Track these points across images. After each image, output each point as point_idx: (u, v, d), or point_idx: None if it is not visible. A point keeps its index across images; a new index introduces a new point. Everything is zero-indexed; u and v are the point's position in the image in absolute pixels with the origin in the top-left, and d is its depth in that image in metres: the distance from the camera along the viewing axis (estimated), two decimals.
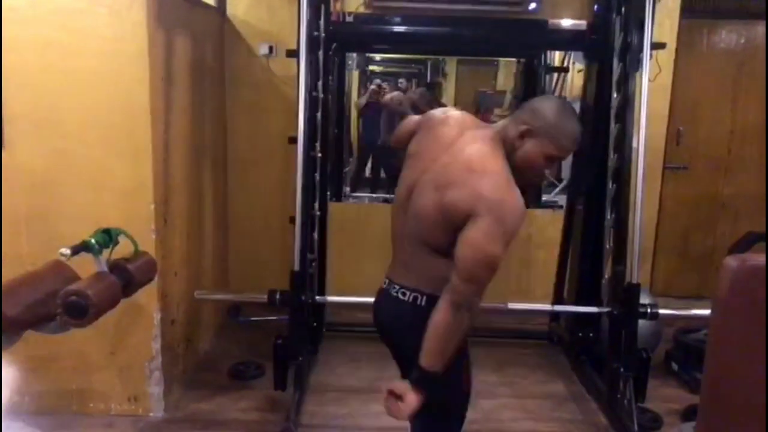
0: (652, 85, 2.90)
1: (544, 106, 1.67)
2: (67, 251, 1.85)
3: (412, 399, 1.57)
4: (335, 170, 4.33)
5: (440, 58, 8.01)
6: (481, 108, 6.78)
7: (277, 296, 2.90)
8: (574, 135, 1.66)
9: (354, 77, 7.12)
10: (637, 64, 2.90)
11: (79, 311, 1.77)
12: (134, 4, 2.51)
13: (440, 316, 1.57)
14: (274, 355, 2.79)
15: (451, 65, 8.44)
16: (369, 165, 6.63)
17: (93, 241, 1.93)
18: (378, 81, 7.06)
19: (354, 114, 6.81)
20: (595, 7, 3.38)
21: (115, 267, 2.01)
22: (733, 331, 1.43)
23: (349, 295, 3.09)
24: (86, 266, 1.95)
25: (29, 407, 2.73)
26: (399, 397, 1.59)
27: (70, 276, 1.89)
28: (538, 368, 3.47)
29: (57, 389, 2.78)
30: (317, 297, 3.21)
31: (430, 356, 1.58)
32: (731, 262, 1.41)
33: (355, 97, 7.02)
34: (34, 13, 2.48)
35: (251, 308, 3.73)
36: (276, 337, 2.80)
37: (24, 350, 2.50)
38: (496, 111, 7.12)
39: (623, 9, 3.02)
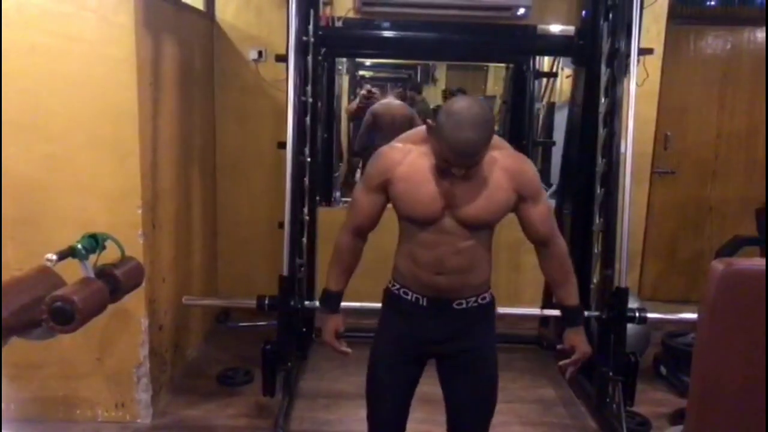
0: (639, 90, 2.92)
1: (446, 108, 1.65)
2: (53, 256, 1.83)
3: (584, 338, 1.85)
4: (325, 175, 4.32)
5: (430, 63, 8.04)
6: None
7: (266, 301, 2.89)
8: (453, 144, 1.60)
9: (345, 82, 7.12)
10: (625, 69, 2.92)
11: (65, 317, 1.76)
12: (121, 8, 2.50)
13: (568, 259, 1.86)
14: (263, 361, 2.78)
15: (441, 70, 8.45)
16: (359, 170, 6.63)
17: (79, 246, 1.92)
18: (368, 86, 7.06)
19: (344, 119, 6.81)
20: (583, 12, 3.40)
21: (102, 272, 2.00)
22: (720, 334, 1.44)
23: None
24: (73, 272, 1.94)
25: (15, 415, 2.70)
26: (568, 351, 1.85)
27: (56, 281, 1.88)
28: (527, 373, 3.47)
29: (43, 396, 2.75)
30: (306, 302, 3.20)
31: (576, 294, 1.88)
32: (718, 265, 1.42)
33: (346, 102, 7.01)
34: (20, 17, 2.47)
35: (240, 314, 3.72)
36: (265, 342, 2.78)
37: (9, 357, 2.47)
38: None
39: (611, 15, 3.04)
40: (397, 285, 1.87)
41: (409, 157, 1.74)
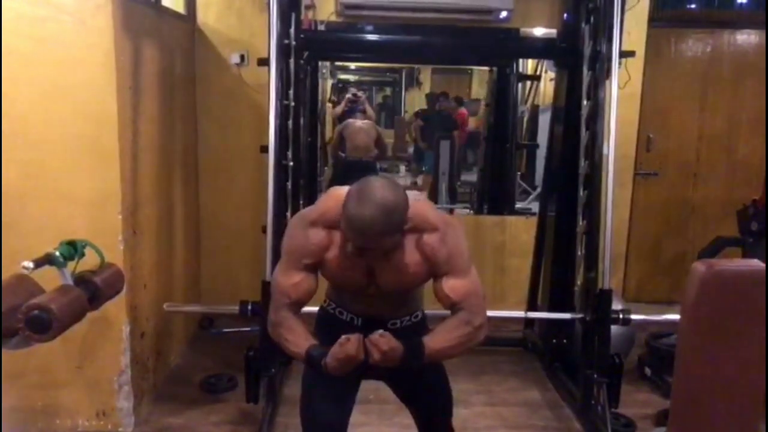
0: (621, 93, 2.93)
1: (361, 181, 1.63)
2: (30, 264, 1.81)
3: (398, 347, 1.64)
4: (309, 179, 4.31)
5: (414, 66, 8.07)
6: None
7: (249, 307, 2.86)
8: (351, 221, 1.55)
9: (328, 86, 7.13)
10: (607, 71, 2.93)
11: (42, 325, 1.74)
12: (99, 12, 2.47)
13: (479, 335, 1.73)
14: (246, 367, 2.75)
15: (425, 74, 8.50)
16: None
17: (57, 253, 1.90)
18: (353, 90, 7.09)
19: (329, 122, 6.81)
20: (565, 15, 3.41)
21: (81, 279, 1.98)
22: (701, 334, 1.44)
23: None
24: (52, 279, 1.91)
25: None
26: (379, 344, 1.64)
27: (33, 289, 1.85)
28: (512, 375, 3.47)
29: (22, 406, 2.70)
30: None
31: (439, 351, 1.71)
32: (699, 266, 1.43)
33: (331, 106, 7.02)
34: None
35: (223, 320, 3.69)
36: (247, 348, 2.76)
37: None
38: (471, 119, 7.16)
39: (592, 18, 3.05)
40: (333, 304, 1.89)
41: (333, 244, 1.72)
